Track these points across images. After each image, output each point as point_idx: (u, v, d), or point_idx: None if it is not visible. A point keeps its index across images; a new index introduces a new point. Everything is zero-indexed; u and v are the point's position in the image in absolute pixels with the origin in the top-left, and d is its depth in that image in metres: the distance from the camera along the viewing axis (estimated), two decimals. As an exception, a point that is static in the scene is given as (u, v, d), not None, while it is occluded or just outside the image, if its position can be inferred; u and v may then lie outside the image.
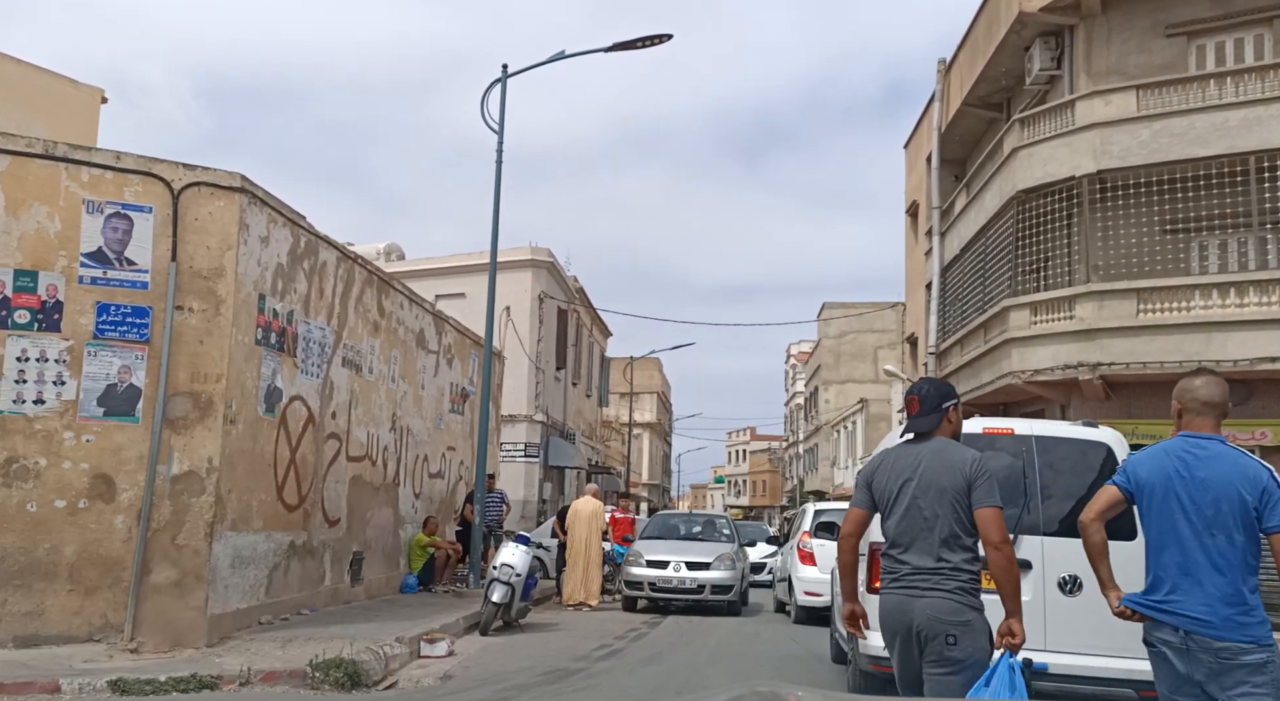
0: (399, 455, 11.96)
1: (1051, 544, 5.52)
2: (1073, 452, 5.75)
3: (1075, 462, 5.73)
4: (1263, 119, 12.18)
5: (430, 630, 8.18)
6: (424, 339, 12.79)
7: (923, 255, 20.90)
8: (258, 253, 7.86)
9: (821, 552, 11.86)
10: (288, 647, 7.10)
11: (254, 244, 7.78)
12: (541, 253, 22.34)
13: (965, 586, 3.21)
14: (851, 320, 41.76)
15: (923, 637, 3.18)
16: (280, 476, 8.51)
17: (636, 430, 49.64)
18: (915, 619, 3.20)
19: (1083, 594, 5.40)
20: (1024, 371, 13.98)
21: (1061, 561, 5.46)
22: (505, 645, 8.61)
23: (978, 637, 3.15)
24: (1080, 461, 5.73)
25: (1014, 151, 14.57)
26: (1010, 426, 5.90)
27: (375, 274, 10.81)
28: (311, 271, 9.05)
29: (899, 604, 3.27)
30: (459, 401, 14.63)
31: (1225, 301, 12.32)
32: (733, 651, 8.59)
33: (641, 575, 12.15)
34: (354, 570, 10.44)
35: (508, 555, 9.62)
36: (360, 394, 10.51)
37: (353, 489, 10.35)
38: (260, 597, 8.17)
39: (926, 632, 3.17)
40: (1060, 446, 5.76)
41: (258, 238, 7.85)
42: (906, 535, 3.30)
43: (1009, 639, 3.12)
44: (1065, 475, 5.68)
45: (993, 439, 5.85)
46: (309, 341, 9.06)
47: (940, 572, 3.20)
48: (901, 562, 3.30)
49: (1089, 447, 5.74)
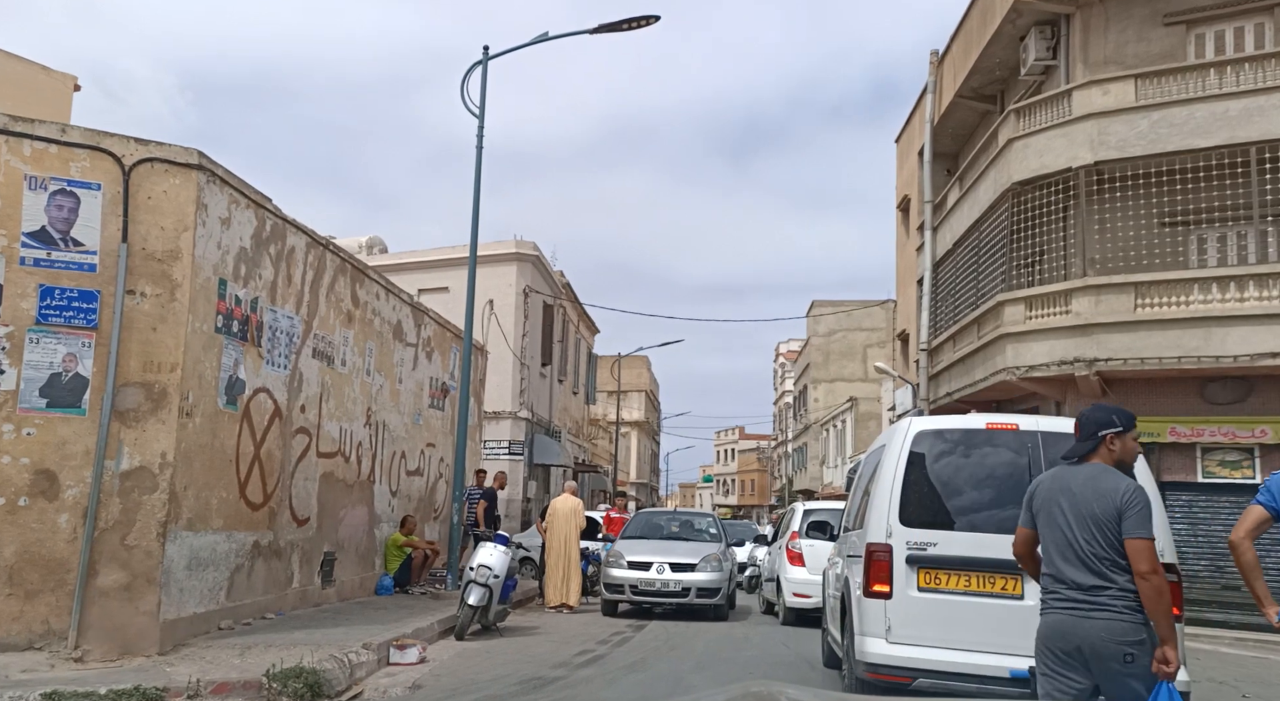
0: (374, 451, 11.50)
1: None
2: None
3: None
4: (1264, 108, 11.89)
5: (401, 635, 7.75)
6: (401, 331, 12.33)
7: (914, 251, 20.58)
8: (218, 235, 7.40)
9: (811, 553, 11.49)
10: (246, 655, 6.65)
11: (213, 225, 7.32)
12: (526, 246, 21.90)
13: (1134, 606, 3.18)
14: (841, 318, 41.50)
15: (1093, 656, 3.16)
16: (243, 473, 8.05)
17: (624, 428, 49.22)
18: (1084, 638, 3.17)
19: None
20: (1018, 368, 13.65)
21: None
22: (481, 650, 8.18)
23: (1150, 656, 3.13)
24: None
25: (1009, 142, 14.24)
26: (1014, 422, 5.58)
27: (349, 262, 10.35)
28: (278, 257, 8.59)
29: (1063, 623, 3.24)
30: (439, 396, 14.18)
31: (1225, 296, 12.03)
32: (720, 656, 8.19)
33: (622, 577, 11.43)
34: (325, 571, 9.99)
35: (485, 556, 9.19)
36: (332, 387, 10.05)
37: (324, 486, 9.90)
38: (220, 601, 7.71)
39: (1100, 652, 3.15)
40: (1067, 443, 5.39)
41: (217, 219, 7.39)
42: (1063, 556, 3.31)
43: (1164, 667, 3.07)
44: None
45: (993, 435, 5.52)
46: (275, 331, 8.60)
47: (1106, 592, 3.20)
48: (1061, 582, 3.29)
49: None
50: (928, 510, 5.40)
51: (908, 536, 5.35)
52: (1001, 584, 5.18)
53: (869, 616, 5.36)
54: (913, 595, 5.27)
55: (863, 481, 6.78)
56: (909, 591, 5.28)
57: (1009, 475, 5.33)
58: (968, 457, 5.45)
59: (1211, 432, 12.34)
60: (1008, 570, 5.14)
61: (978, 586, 5.20)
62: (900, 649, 5.22)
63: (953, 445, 5.51)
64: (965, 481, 5.42)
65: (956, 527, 5.31)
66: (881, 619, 5.30)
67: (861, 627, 5.45)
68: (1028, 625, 4.85)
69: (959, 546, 5.26)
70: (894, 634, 5.28)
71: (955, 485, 5.43)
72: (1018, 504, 5.15)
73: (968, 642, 5.13)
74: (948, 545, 5.28)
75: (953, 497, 5.40)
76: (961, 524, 5.32)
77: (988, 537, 5.20)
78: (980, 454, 5.44)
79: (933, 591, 5.26)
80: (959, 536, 5.28)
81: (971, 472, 5.41)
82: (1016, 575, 5.14)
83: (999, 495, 5.30)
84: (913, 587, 5.30)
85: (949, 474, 5.45)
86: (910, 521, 5.38)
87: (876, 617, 5.32)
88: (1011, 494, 5.26)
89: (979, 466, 5.41)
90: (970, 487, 5.39)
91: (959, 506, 5.37)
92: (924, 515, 5.39)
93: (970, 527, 5.28)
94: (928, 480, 5.46)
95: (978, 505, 5.34)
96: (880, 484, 5.62)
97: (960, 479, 5.43)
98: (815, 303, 42.08)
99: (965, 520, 5.32)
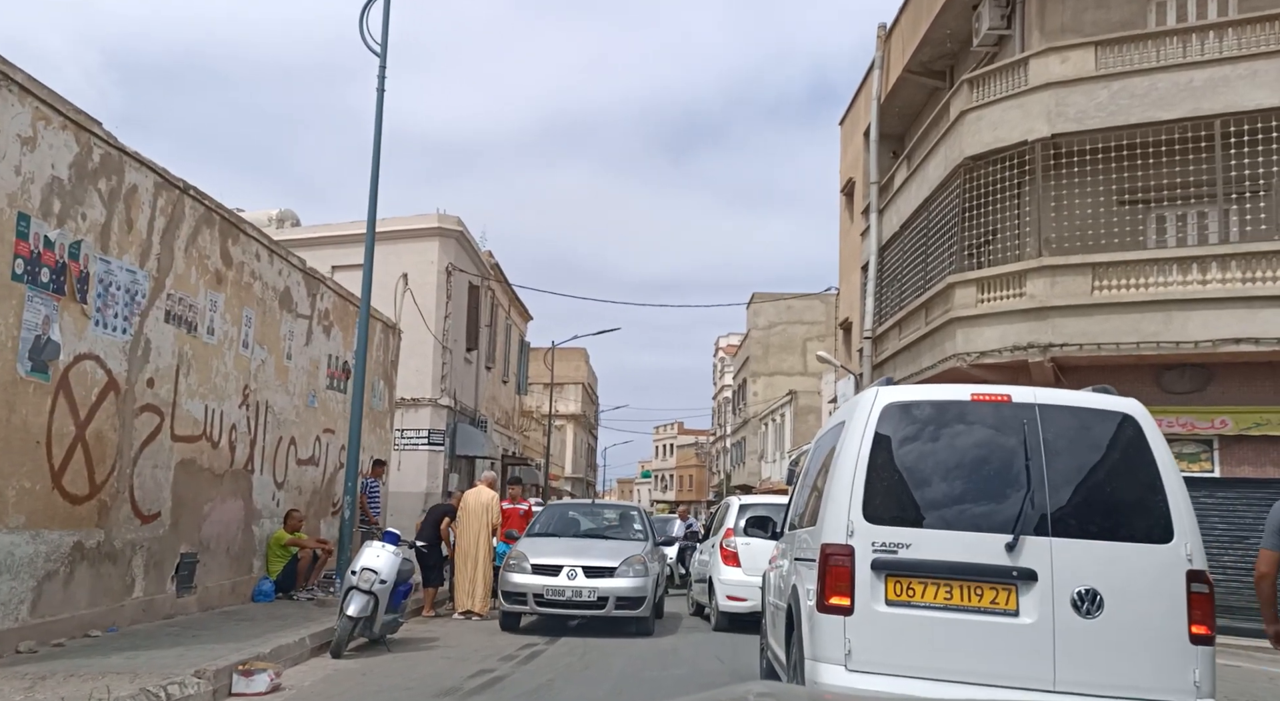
0: (254, 436, 9.99)
1: (1063, 547, 4.10)
2: (1086, 426, 4.35)
3: (1089, 439, 4.33)
4: (1229, 79, 11.22)
5: (255, 657, 6.35)
6: (290, 299, 10.82)
7: (858, 236, 19.77)
8: (16, 157, 5.88)
9: (747, 552, 10.43)
10: (35, 689, 5.19)
11: (8, 144, 5.80)
12: (450, 221, 20.38)
13: None
14: (781, 311, 40.92)
15: None
16: (58, 458, 6.54)
17: (560, 421, 47.81)
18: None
19: (1104, 614, 4.02)
20: (969, 354, 12.83)
21: (1076, 570, 4.07)
22: (357, 672, 6.84)
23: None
24: (1095, 438, 4.34)
25: (961, 115, 13.40)
26: (1006, 392, 4.46)
27: (217, 212, 8.82)
28: (113, 196, 7.07)
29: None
30: (340, 377, 12.67)
31: (1186, 278, 11.35)
32: (643, 676, 7.02)
33: (524, 584, 9.32)
34: (182, 576, 8.47)
35: (370, 558, 7.83)
36: (195, 358, 8.54)
37: (181, 475, 8.39)
38: (22, 617, 6.20)
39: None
40: (1069, 418, 4.34)
41: (16, 136, 5.87)
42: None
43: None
44: (1078, 455, 4.28)
45: (979, 408, 4.40)
46: (110, 286, 7.09)
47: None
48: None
49: (1106, 419, 4.35)
50: (899, 503, 4.28)
51: (874, 536, 4.20)
52: (991, 596, 4.08)
53: (824, 637, 4.21)
54: (879, 610, 4.13)
55: (814, 468, 5.58)
56: (875, 605, 4.13)
57: (1000, 458, 4.26)
58: (949, 437, 4.35)
59: (1169, 423, 11.65)
60: (999, 578, 4.09)
61: (961, 599, 4.09)
62: (863, 679, 4.07)
63: (930, 421, 4.40)
64: (946, 466, 4.31)
65: (935, 524, 4.20)
66: (840, 640, 4.15)
67: (814, 651, 4.29)
68: (1024, 649, 3.99)
69: (938, 548, 4.15)
70: (855, 660, 4.12)
71: (933, 471, 4.31)
72: (1009, 496, 4.11)
73: (950, 671, 4.01)
74: (924, 546, 4.16)
75: (930, 487, 4.30)
76: (941, 519, 4.21)
77: (974, 537, 4.13)
78: (964, 432, 4.34)
79: (905, 605, 4.11)
80: (938, 535, 4.16)
81: (954, 455, 4.31)
82: (1010, 585, 4.08)
83: (989, 484, 4.23)
84: (879, 600, 4.14)
85: (926, 457, 4.35)
86: (877, 517, 4.24)
87: (833, 638, 4.17)
88: (1003, 481, 4.22)
89: (963, 448, 4.31)
90: (952, 474, 4.28)
91: (938, 498, 4.27)
92: (894, 509, 4.26)
93: (952, 524, 4.18)
94: (899, 465, 4.35)
95: (962, 496, 4.25)
96: (839, 470, 4.44)
97: (940, 463, 4.32)
98: (756, 295, 41.43)
99: (946, 515, 4.22)
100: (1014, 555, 4.06)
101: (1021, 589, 4.06)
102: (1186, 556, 4.04)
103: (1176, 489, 4.15)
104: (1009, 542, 4.06)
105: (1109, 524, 4.12)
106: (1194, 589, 4.00)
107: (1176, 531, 4.09)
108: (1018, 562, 4.06)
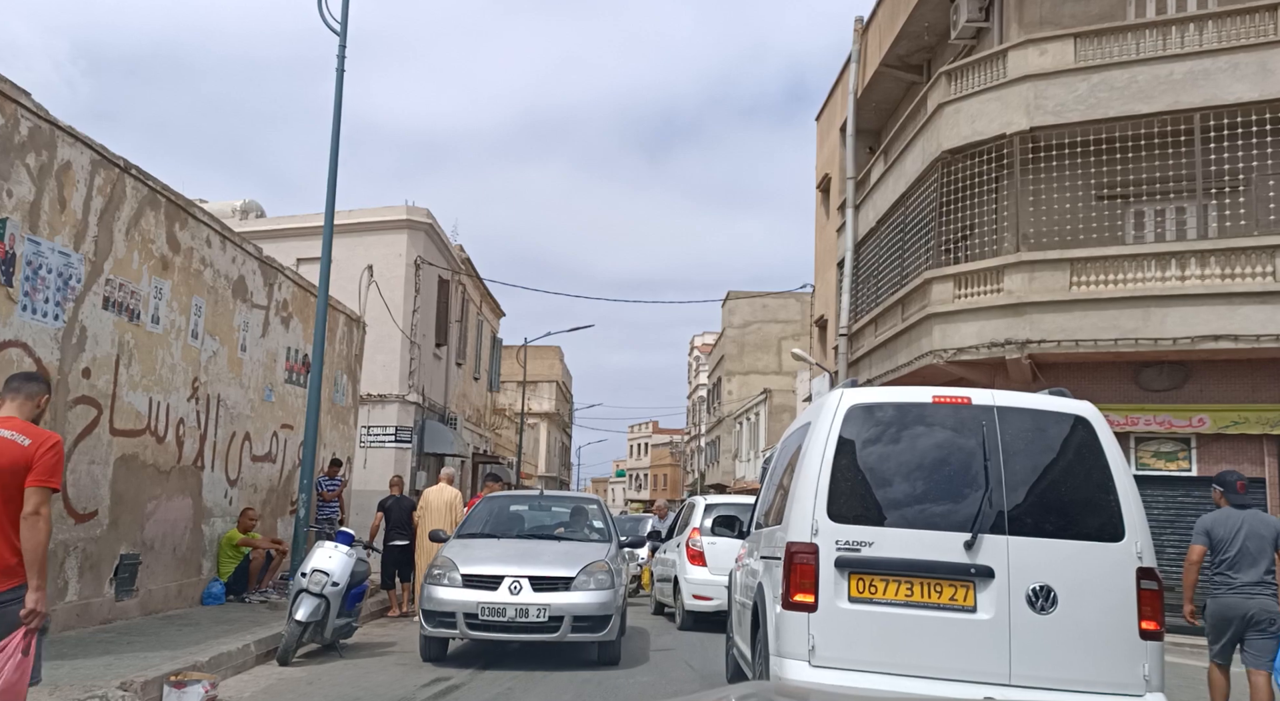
0: (204, 431, 9.52)
1: (1019, 545, 4.16)
2: (1042, 428, 4.40)
3: (1045, 441, 4.38)
4: (1209, 72, 11.09)
5: (190, 666, 5.93)
6: (245, 288, 10.35)
7: (834, 232, 19.56)
8: (-73, 124, 5.42)
9: (713, 551, 10.16)
10: (-60, 702, 4.74)
11: (-81, 110, 5.34)
12: (419, 213, 19.90)
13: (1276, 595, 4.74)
14: (756, 310, 40.76)
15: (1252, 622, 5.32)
16: (-22, 452, 6.06)
17: (533, 420, 47.33)
18: (1249, 611, 5.31)
19: (1058, 610, 4.08)
20: (946, 350, 12.62)
21: (1031, 568, 4.13)
22: (303, 681, 6.44)
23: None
24: (1050, 439, 4.39)
25: (939, 108, 13.20)
26: (967, 394, 4.47)
27: (163, 194, 8.34)
28: (43, 173, 6.60)
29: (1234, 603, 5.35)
30: (300, 371, 12.19)
31: (1165, 274, 11.21)
32: (608, 683, 6.67)
33: (452, 601, 7.04)
34: (122, 579, 8.00)
35: (322, 559, 7.43)
36: (138, 348, 8.07)
37: (121, 472, 7.91)
38: (-66, 623, 5.72)
39: (1257, 619, 5.30)
40: (1026, 420, 4.40)
41: (-73, 102, 5.41)
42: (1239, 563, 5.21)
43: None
44: (1034, 456, 4.33)
45: (940, 410, 4.43)
46: (39, 268, 6.62)
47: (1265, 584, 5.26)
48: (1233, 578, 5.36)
49: (1061, 422, 4.41)
50: (862, 502, 4.35)
51: (838, 534, 4.27)
52: (950, 593, 4.16)
53: (788, 633, 4.28)
54: (842, 607, 4.23)
55: (780, 467, 5.56)
56: (838, 602, 4.24)
57: (959, 459, 4.31)
58: (910, 438, 4.42)
59: (1147, 421, 11.54)
60: (958, 575, 4.14)
61: (921, 595, 4.18)
62: (826, 675, 4.14)
63: (892, 423, 4.48)
64: (908, 466, 4.40)
65: (897, 523, 4.28)
66: (804, 636, 4.23)
67: (779, 647, 4.35)
68: (981, 644, 3.99)
69: (899, 546, 4.23)
70: (819, 656, 4.21)
71: (895, 471, 4.41)
72: (966, 496, 4.18)
73: (910, 666, 4.10)
74: (885, 544, 4.23)
75: (892, 486, 4.39)
76: (903, 518, 4.29)
77: (934, 535, 4.20)
78: (925, 433, 4.42)
79: (867, 602, 4.22)
80: (900, 534, 4.25)
81: (915, 456, 4.41)
82: (968, 582, 4.14)
83: (949, 483, 4.30)
84: (842, 597, 4.24)
85: (888, 457, 4.43)
86: (841, 516, 4.31)
87: (797, 634, 4.24)
88: (962, 481, 4.23)
89: (924, 448, 4.41)
90: (914, 474, 4.38)
91: (900, 497, 4.36)
92: (857, 508, 4.34)
93: (913, 523, 4.27)
94: (862, 465, 4.43)
95: (923, 495, 4.33)
96: (805, 470, 4.50)
97: (902, 463, 4.41)
98: (731, 293, 41.22)
99: (907, 514, 4.29)
100: (972, 553, 4.15)
101: (979, 586, 4.13)
102: (1137, 554, 4.16)
103: (1128, 488, 4.26)
104: (967, 541, 4.15)
105: (1063, 522, 4.23)
106: (1144, 585, 4.14)
107: (1128, 530, 4.19)
108: (976, 560, 4.14)
